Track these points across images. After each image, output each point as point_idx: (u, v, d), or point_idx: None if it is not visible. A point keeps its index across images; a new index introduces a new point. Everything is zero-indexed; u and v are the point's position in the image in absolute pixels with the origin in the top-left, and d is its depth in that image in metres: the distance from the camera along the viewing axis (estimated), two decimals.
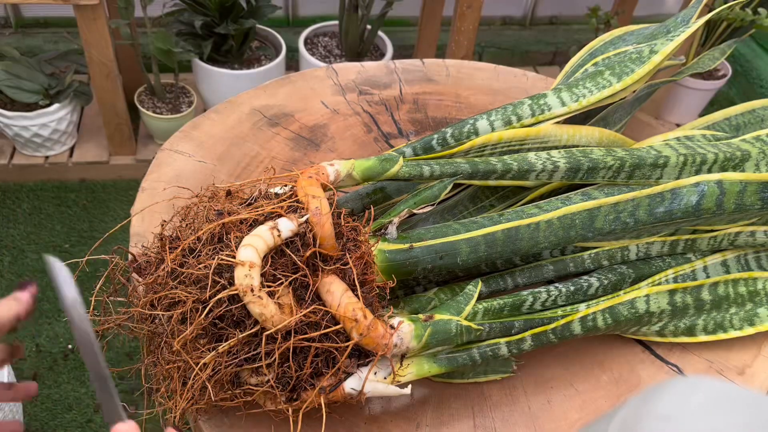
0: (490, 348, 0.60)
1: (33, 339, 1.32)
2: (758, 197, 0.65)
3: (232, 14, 1.55)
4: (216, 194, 0.58)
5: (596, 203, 0.64)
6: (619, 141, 0.75)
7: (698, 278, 0.69)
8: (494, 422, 0.61)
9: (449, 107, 0.93)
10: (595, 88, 0.71)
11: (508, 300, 0.62)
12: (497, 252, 0.61)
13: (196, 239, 0.54)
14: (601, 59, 0.77)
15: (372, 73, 0.96)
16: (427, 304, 0.63)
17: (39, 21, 1.87)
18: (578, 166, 0.65)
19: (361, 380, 0.54)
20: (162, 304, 0.52)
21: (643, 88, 0.79)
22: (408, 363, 0.57)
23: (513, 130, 0.68)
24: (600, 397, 0.64)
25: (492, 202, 0.71)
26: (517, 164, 0.64)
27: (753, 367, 0.67)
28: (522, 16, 2.15)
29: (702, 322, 0.67)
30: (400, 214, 0.61)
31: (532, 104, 0.70)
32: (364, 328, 0.52)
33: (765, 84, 1.91)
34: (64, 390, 1.25)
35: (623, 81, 0.71)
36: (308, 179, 0.57)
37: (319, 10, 1.97)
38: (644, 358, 0.68)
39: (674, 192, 0.64)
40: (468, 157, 0.67)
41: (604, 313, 0.63)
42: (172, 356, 0.52)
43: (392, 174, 0.61)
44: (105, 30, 1.39)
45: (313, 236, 0.53)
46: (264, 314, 0.49)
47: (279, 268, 0.52)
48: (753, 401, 0.33)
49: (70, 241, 1.50)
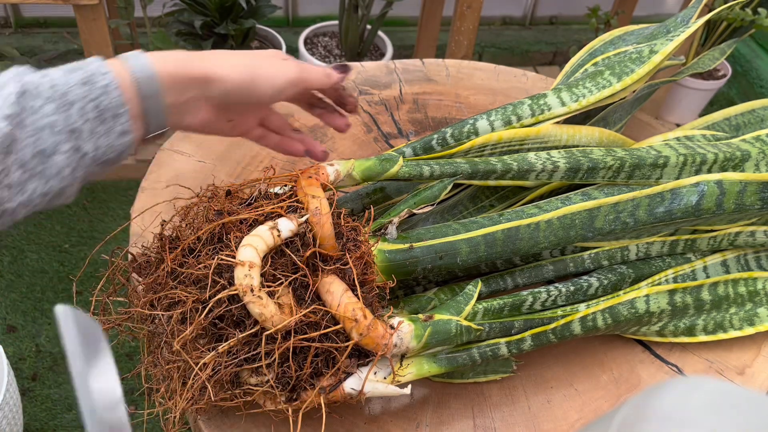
0: (489, 348, 0.60)
1: (33, 339, 1.32)
2: (758, 197, 0.65)
3: (232, 14, 1.55)
4: (216, 194, 0.58)
5: (596, 203, 0.64)
6: (619, 141, 0.75)
7: (698, 278, 0.69)
8: (494, 422, 0.61)
9: (449, 107, 0.93)
10: (595, 88, 0.71)
11: (508, 300, 0.62)
12: (497, 252, 0.61)
13: (196, 239, 0.54)
14: (601, 59, 0.77)
15: (372, 73, 0.96)
16: (427, 304, 0.63)
17: (39, 21, 1.87)
18: (578, 166, 0.65)
19: (361, 380, 0.54)
20: (162, 304, 0.52)
21: (643, 87, 0.79)
22: (408, 363, 0.57)
23: (513, 130, 0.68)
24: (600, 397, 0.64)
25: (492, 202, 0.71)
26: (517, 164, 0.64)
27: (753, 367, 0.67)
28: (522, 16, 2.15)
29: (702, 322, 0.67)
30: (399, 214, 0.61)
31: (532, 104, 0.70)
32: (364, 328, 0.52)
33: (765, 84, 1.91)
34: (64, 390, 1.25)
35: (623, 81, 0.71)
36: (308, 179, 0.57)
37: (319, 10, 1.98)
38: (644, 358, 0.68)
39: (674, 192, 0.64)
40: (468, 157, 0.67)
41: (604, 313, 0.63)
42: (172, 356, 0.52)
43: (392, 174, 0.61)
44: (105, 30, 1.39)
45: (313, 236, 0.53)
46: (264, 314, 0.49)
47: (279, 268, 0.52)
48: (753, 401, 0.33)
49: (70, 241, 1.50)
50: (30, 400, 1.23)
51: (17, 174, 0.43)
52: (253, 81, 0.54)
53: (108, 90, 0.46)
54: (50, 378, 1.27)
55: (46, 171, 0.44)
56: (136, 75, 0.48)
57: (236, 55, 0.55)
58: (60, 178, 0.45)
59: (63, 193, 0.46)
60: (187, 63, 0.51)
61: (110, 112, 0.46)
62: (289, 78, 0.56)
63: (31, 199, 0.44)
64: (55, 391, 1.25)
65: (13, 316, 1.35)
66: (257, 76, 0.54)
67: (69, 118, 0.44)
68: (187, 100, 0.52)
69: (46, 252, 1.47)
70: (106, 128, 0.47)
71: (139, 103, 0.49)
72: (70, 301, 1.17)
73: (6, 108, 0.41)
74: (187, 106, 0.53)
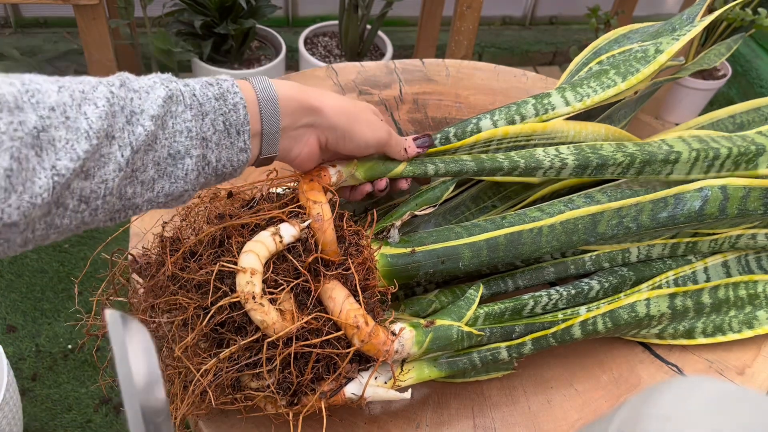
0: (490, 352, 0.60)
1: (33, 339, 1.32)
2: (761, 203, 0.65)
3: (232, 14, 1.55)
4: (217, 196, 0.58)
5: (599, 208, 0.63)
6: (625, 138, 0.74)
7: (699, 279, 0.69)
8: (494, 422, 0.61)
9: (449, 107, 0.93)
10: (599, 88, 0.70)
11: (509, 304, 0.62)
12: (499, 256, 0.61)
13: (197, 242, 0.53)
14: (606, 58, 0.76)
15: (372, 73, 0.96)
16: (428, 307, 0.63)
17: (39, 21, 1.87)
18: (587, 163, 0.64)
19: (362, 385, 0.53)
20: (162, 309, 0.52)
21: (648, 85, 0.78)
22: (408, 368, 0.57)
23: (519, 126, 0.67)
24: (600, 397, 0.64)
25: (494, 202, 0.70)
26: (524, 161, 0.63)
27: (753, 367, 0.67)
28: (522, 16, 2.15)
29: (701, 325, 0.67)
30: (402, 217, 0.61)
31: (536, 104, 0.70)
32: (366, 335, 0.52)
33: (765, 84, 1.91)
34: (64, 390, 1.25)
35: (628, 80, 0.70)
36: (309, 182, 0.56)
37: (319, 10, 1.97)
38: (644, 358, 0.68)
39: (678, 197, 0.64)
40: (473, 153, 0.66)
41: (605, 317, 0.62)
42: (173, 361, 0.52)
43: (397, 173, 0.61)
44: (105, 30, 1.39)
45: (315, 242, 0.53)
46: (266, 321, 0.49)
47: (280, 274, 0.52)
48: (753, 401, 0.33)
49: (70, 241, 1.50)
50: (30, 400, 1.23)
51: (151, 171, 0.46)
52: (351, 126, 0.57)
53: (237, 108, 0.50)
54: (50, 378, 1.27)
55: (175, 172, 0.47)
56: (259, 96, 0.52)
57: (343, 99, 0.58)
58: (185, 181, 0.48)
59: (182, 196, 0.49)
60: (302, 90, 0.55)
61: (235, 128, 0.50)
62: (380, 139, 0.58)
63: (157, 197, 0.48)
64: (55, 391, 1.25)
65: (13, 316, 1.35)
66: (356, 122, 0.57)
67: (202, 127, 0.48)
68: (299, 126, 0.55)
69: (46, 252, 1.47)
70: (230, 142, 0.50)
71: (260, 122, 0.52)
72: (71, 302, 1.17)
73: (154, 109, 0.45)
74: (298, 133, 0.56)
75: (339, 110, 0.56)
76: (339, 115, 0.56)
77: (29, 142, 0.40)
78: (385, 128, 0.59)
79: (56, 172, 0.40)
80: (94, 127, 0.42)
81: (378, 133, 0.58)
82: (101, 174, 0.43)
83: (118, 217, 0.47)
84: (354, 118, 0.57)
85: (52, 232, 0.43)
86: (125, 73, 0.47)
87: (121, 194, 0.45)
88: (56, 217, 0.42)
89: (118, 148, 0.44)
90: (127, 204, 0.46)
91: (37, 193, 0.40)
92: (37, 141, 0.40)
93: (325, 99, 0.56)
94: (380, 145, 0.59)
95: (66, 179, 0.41)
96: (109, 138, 0.43)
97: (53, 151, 0.41)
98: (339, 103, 0.56)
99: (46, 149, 0.40)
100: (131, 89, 0.46)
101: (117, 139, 0.44)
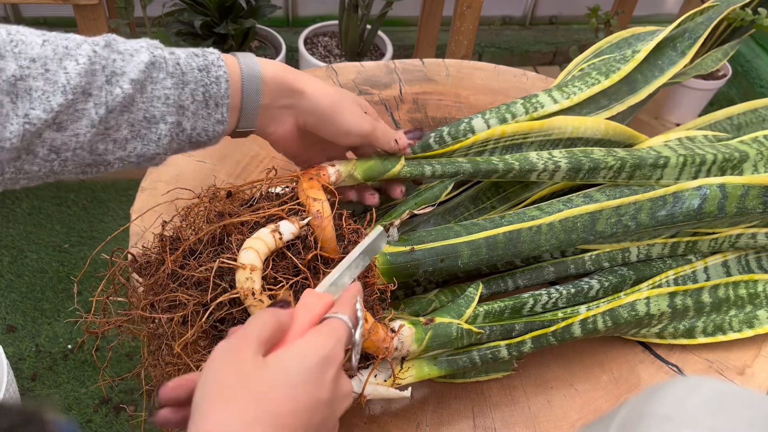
0: (490, 351, 0.60)
1: (33, 339, 1.32)
2: (760, 201, 0.65)
3: (232, 14, 1.55)
4: (217, 195, 0.58)
5: (598, 206, 0.63)
6: (626, 133, 0.74)
7: (699, 279, 0.69)
8: (494, 422, 0.61)
9: (449, 107, 0.93)
10: (584, 86, 0.73)
11: (509, 302, 0.62)
12: (498, 255, 0.61)
13: (197, 240, 0.53)
14: (587, 65, 0.79)
15: (372, 73, 0.96)
16: (428, 306, 0.63)
17: (39, 21, 1.87)
18: (579, 166, 0.65)
19: (362, 383, 0.54)
20: (162, 306, 0.52)
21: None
22: (408, 366, 0.57)
23: (516, 124, 0.68)
24: (600, 397, 0.64)
25: (494, 203, 0.71)
26: (518, 164, 0.64)
27: (753, 367, 0.67)
28: (522, 16, 2.15)
29: (701, 324, 0.67)
30: (401, 216, 0.61)
31: (525, 103, 0.71)
32: (365, 332, 0.52)
33: (765, 84, 1.91)
34: (64, 390, 1.25)
35: (610, 78, 0.73)
36: (309, 181, 0.57)
37: (319, 10, 1.97)
38: (644, 358, 0.68)
39: (676, 195, 0.64)
40: (470, 156, 0.67)
41: (605, 316, 0.62)
42: (173, 358, 0.52)
43: (394, 173, 0.61)
44: (105, 30, 1.39)
45: (315, 239, 0.53)
46: None
47: (280, 271, 0.52)
48: (753, 401, 0.33)
49: (70, 241, 1.50)
50: (30, 400, 1.23)
51: (125, 131, 0.48)
52: (334, 113, 0.57)
53: (219, 81, 0.52)
54: (50, 378, 1.27)
55: (149, 135, 0.49)
56: (243, 72, 0.53)
57: (327, 85, 0.58)
58: (157, 145, 0.50)
59: (153, 158, 0.51)
60: (287, 72, 0.56)
61: (214, 100, 0.52)
62: (362, 130, 0.59)
63: (129, 156, 0.50)
64: (55, 391, 1.25)
65: (13, 316, 1.35)
66: (340, 110, 0.57)
67: (181, 96, 0.50)
68: (279, 106, 0.57)
69: (46, 252, 1.47)
70: (207, 113, 0.52)
71: (240, 98, 0.54)
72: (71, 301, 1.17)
73: (135, 73, 0.47)
74: (277, 112, 0.57)
75: (321, 95, 0.57)
76: (321, 99, 0.57)
77: (5, 89, 0.42)
78: (369, 120, 0.59)
79: (28, 120, 0.43)
80: (72, 82, 0.44)
81: (360, 122, 0.59)
82: (74, 128, 0.45)
83: (89, 171, 0.49)
84: (337, 104, 0.57)
85: (22, 177, 0.45)
86: (113, 34, 0.48)
87: (93, 149, 0.47)
88: (26, 163, 0.45)
89: (93, 106, 0.45)
90: (98, 159, 0.48)
91: (7, 138, 0.42)
92: (14, 89, 0.42)
93: (309, 82, 0.57)
94: (364, 136, 0.59)
95: (37, 128, 0.43)
96: (85, 95, 0.45)
97: (28, 100, 0.43)
98: (322, 89, 0.57)
99: (21, 97, 0.42)
100: (115, 50, 0.47)
101: (93, 97, 0.45)
